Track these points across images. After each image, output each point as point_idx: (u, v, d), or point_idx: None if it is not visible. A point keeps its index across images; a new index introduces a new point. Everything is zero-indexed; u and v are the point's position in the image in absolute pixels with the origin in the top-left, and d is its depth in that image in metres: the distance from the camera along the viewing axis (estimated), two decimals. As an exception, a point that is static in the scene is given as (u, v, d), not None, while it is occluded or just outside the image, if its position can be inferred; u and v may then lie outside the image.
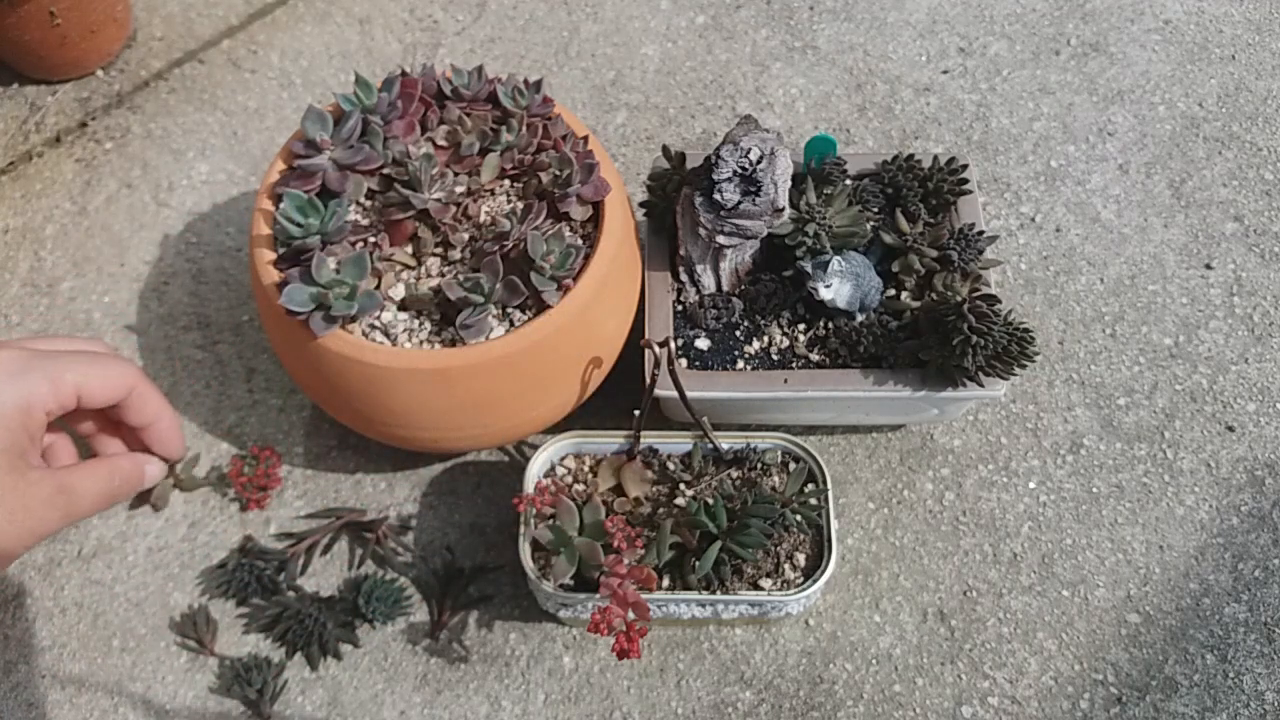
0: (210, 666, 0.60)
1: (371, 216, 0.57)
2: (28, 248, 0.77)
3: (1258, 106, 0.81)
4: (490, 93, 0.60)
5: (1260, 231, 0.75)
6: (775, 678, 0.60)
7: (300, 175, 0.56)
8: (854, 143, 0.81)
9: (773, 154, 0.57)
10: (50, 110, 0.84)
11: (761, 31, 0.87)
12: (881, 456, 0.67)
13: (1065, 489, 0.65)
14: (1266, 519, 0.64)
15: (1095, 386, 0.69)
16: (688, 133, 0.82)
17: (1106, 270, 0.74)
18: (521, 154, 0.59)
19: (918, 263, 0.61)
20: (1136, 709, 0.58)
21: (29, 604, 0.63)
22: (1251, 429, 0.67)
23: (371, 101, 0.58)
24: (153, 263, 0.76)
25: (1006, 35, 0.87)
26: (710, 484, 0.58)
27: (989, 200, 0.77)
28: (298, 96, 0.84)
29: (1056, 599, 0.62)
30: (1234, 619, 0.61)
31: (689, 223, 0.60)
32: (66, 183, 0.80)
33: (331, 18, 0.89)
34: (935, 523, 0.64)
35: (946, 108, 0.82)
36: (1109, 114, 0.82)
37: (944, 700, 0.59)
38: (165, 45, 0.88)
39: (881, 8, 0.88)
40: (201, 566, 0.63)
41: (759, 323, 0.62)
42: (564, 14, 0.89)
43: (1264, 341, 0.70)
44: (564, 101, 0.81)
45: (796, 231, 0.60)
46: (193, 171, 0.80)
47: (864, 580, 0.63)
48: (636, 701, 0.59)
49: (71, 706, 0.59)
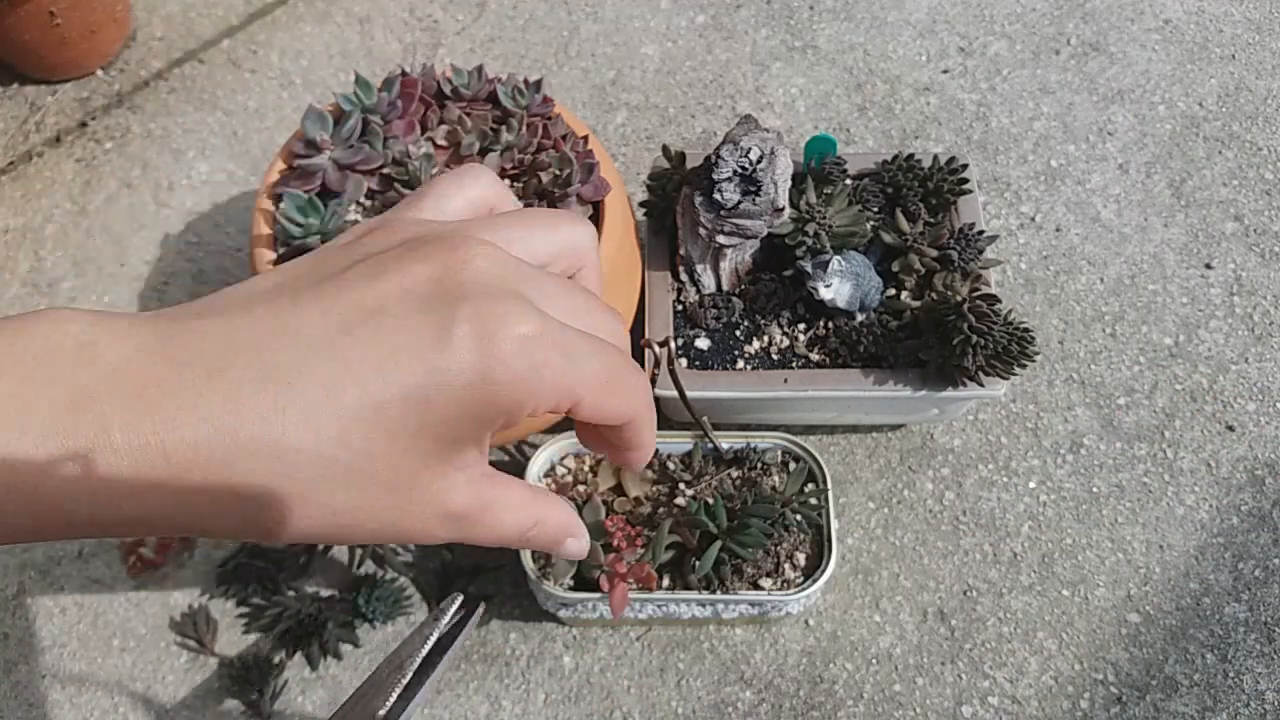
0: (210, 666, 0.60)
1: (371, 216, 0.57)
2: (28, 248, 0.77)
3: (1258, 106, 0.81)
4: (490, 92, 0.60)
5: (1260, 231, 0.75)
6: (775, 677, 0.60)
7: (300, 175, 0.56)
8: (854, 142, 0.81)
9: (773, 154, 0.57)
10: (50, 110, 0.84)
11: (761, 31, 0.87)
12: (881, 456, 0.67)
13: (1065, 488, 0.65)
14: (1266, 519, 0.64)
15: (1095, 386, 0.69)
16: (688, 133, 0.82)
17: (1106, 270, 0.74)
18: (521, 154, 0.59)
19: (918, 262, 0.61)
20: (1136, 708, 0.58)
21: (29, 604, 0.63)
22: (1251, 429, 0.67)
23: (371, 101, 0.58)
24: (153, 263, 0.76)
25: (1006, 35, 0.86)
26: (710, 484, 0.58)
27: (989, 200, 0.77)
28: (298, 96, 0.84)
29: (1057, 598, 0.62)
30: (1234, 618, 0.61)
31: (689, 223, 0.60)
32: (66, 183, 0.80)
33: (331, 18, 0.89)
34: (935, 522, 0.64)
35: (946, 107, 0.82)
36: (1109, 113, 0.82)
37: (944, 700, 0.59)
38: (165, 45, 0.88)
39: (881, 7, 0.88)
40: (201, 566, 0.63)
41: (759, 322, 0.62)
42: (564, 14, 0.89)
43: (1264, 341, 0.70)
44: (564, 101, 0.81)
45: (796, 231, 0.59)
46: (193, 171, 0.80)
47: (864, 580, 0.63)
48: (636, 701, 0.59)
49: (71, 706, 0.59)
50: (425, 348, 0.27)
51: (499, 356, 0.27)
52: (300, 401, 0.26)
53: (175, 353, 0.26)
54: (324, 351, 0.27)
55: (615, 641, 0.61)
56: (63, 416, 0.25)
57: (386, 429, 0.27)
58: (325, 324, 0.28)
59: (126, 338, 0.27)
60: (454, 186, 0.34)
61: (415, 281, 0.28)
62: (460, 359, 0.27)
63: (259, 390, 0.26)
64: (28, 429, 0.24)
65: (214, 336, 0.27)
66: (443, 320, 0.28)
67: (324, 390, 0.27)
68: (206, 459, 0.26)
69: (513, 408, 0.29)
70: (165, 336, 0.27)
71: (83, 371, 0.26)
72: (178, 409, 0.25)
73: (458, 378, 0.27)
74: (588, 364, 0.30)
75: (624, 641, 0.61)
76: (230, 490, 0.26)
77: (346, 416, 0.27)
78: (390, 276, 0.28)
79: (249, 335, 0.27)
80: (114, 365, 0.26)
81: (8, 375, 0.24)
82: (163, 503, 0.26)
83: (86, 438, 0.25)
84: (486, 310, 0.28)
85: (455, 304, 0.28)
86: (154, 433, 0.25)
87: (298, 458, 0.27)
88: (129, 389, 0.26)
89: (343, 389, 0.27)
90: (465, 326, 0.27)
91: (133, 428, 0.25)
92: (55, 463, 0.24)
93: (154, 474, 0.25)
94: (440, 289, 0.28)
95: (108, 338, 0.26)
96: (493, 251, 0.29)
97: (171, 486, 0.26)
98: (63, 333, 0.26)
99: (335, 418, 0.27)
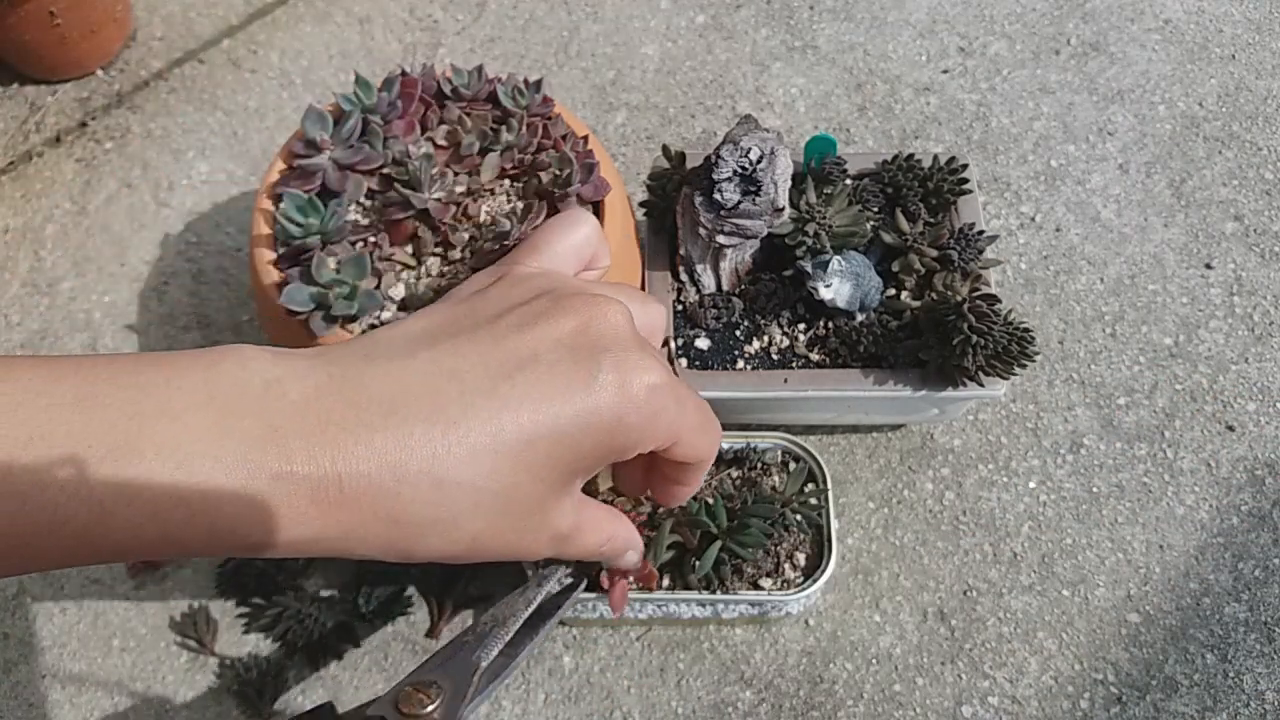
0: (210, 666, 0.60)
1: (371, 216, 0.57)
2: (28, 248, 0.77)
3: (1258, 106, 0.81)
4: (490, 92, 0.60)
5: (1260, 231, 0.75)
6: (775, 677, 0.60)
7: (300, 175, 0.56)
8: (854, 142, 0.81)
9: (773, 154, 0.57)
10: (50, 110, 0.84)
11: (761, 31, 0.87)
12: (881, 456, 0.67)
13: (1065, 488, 0.65)
14: (1266, 519, 0.64)
15: (1095, 386, 0.69)
16: (688, 132, 0.82)
17: (1106, 270, 0.74)
18: (521, 154, 0.59)
19: (918, 262, 0.61)
20: (1136, 708, 0.58)
21: (29, 603, 0.63)
22: (1251, 429, 0.67)
23: (371, 101, 0.58)
24: (153, 262, 0.76)
25: (1006, 35, 0.86)
26: (710, 484, 0.58)
27: (989, 200, 0.77)
28: (298, 96, 0.84)
29: (1056, 598, 0.62)
30: (1234, 618, 0.61)
31: (689, 222, 0.60)
32: (66, 183, 0.80)
33: (331, 17, 0.89)
34: (935, 522, 0.64)
35: (946, 107, 0.82)
36: (1109, 113, 0.82)
37: (944, 700, 0.59)
38: (165, 45, 0.88)
39: (881, 7, 0.88)
40: (202, 566, 0.63)
41: (759, 322, 0.62)
42: (564, 14, 0.89)
43: (1264, 341, 0.70)
44: (564, 101, 0.81)
45: (796, 231, 0.59)
46: (193, 171, 0.80)
47: (864, 580, 0.63)
48: (636, 701, 0.59)
49: (71, 706, 0.59)
50: (575, 391, 0.31)
51: (633, 401, 0.31)
52: (466, 440, 0.29)
53: (352, 394, 0.29)
54: (486, 394, 0.30)
55: (615, 641, 0.61)
56: (253, 448, 0.27)
57: (531, 462, 0.30)
58: (485, 368, 0.31)
59: (307, 377, 0.29)
60: (558, 234, 0.39)
61: (564, 333, 0.32)
62: (603, 401, 0.31)
63: (428, 429, 0.29)
64: (222, 458, 0.26)
65: (385, 379, 0.30)
66: (589, 368, 0.31)
67: (486, 429, 0.29)
68: (376, 490, 0.28)
69: (634, 445, 0.33)
70: (340, 378, 0.30)
71: (271, 407, 0.28)
72: (355, 444, 0.28)
73: (600, 418, 0.31)
74: (691, 411, 0.34)
75: (624, 641, 0.61)
76: (390, 517, 0.29)
77: (502, 453, 0.30)
78: (541, 326, 0.32)
79: (417, 378, 0.30)
80: (297, 403, 0.28)
81: (206, 409, 0.27)
82: (327, 527, 0.28)
83: (273, 467, 0.27)
84: (624, 361, 0.32)
85: (598, 354, 0.32)
86: (332, 465, 0.28)
87: (456, 490, 0.29)
88: (312, 426, 0.28)
89: (502, 428, 0.30)
90: (608, 375, 0.31)
91: (314, 460, 0.27)
92: (242, 490, 0.27)
93: (327, 501, 0.28)
94: (586, 340, 0.32)
95: (290, 376, 0.29)
96: (624, 309, 0.34)
97: (340, 514, 0.28)
98: (249, 371, 0.28)
99: (493, 455, 0.30)
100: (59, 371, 0.26)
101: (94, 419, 0.25)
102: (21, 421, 0.25)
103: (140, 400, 0.26)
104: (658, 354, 0.35)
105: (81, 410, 0.25)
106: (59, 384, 0.26)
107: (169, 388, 0.27)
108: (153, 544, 0.26)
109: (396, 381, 0.30)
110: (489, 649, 0.36)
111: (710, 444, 0.36)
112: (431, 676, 0.33)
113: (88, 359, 0.27)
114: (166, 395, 0.27)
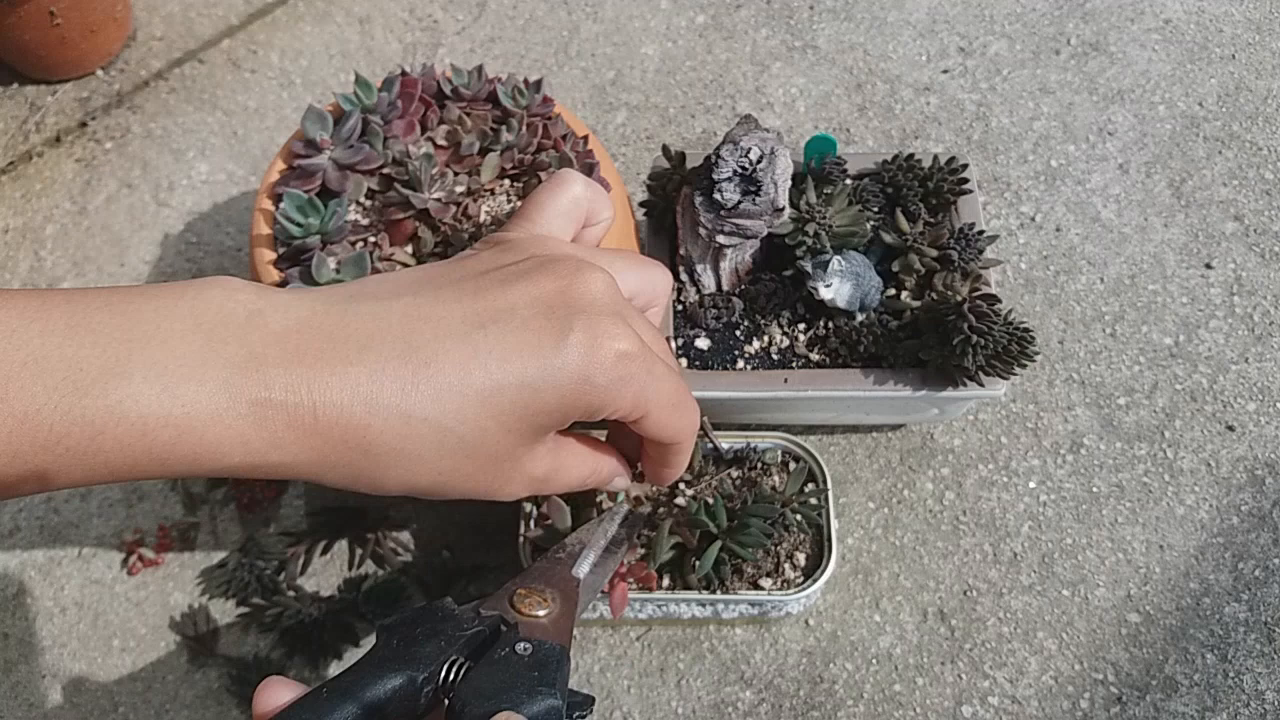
0: (210, 666, 0.60)
1: (371, 216, 0.57)
2: (28, 248, 0.77)
3: (1258, 106, 0.81)
4: (490, 92, 0.60)
5: (1260, 231, 0.75)
6: (775, 677, 0.60)
7: (300, 175, 0.56)
8: (854, 142, 0.81)
9: (773, 154, 0.57)
10: (50, 110, 0.84)
11: (761, 31, 0.87)
12: (881, 456, 0.67)
13: (1065, 488, 0.65)
14: (1266, 519, 0.64)
15: (1095, 386, 0.69)
16: (688, 132, 0.82)
17: (1106, 270, 0.74)
18: (521, 154, 0.59)
19: (918, 262, 0.61)
20: (1136, 708, 0.58)
21: (29, 603, 0.63)
22: (1251, 428, 0.67)
23: (371, 101, 0.58)
24: (153, 263, 0.76)
25: (1006, 35, 0.86)
26: (710, 484, 0.58)
27: (989, 200, 0.77)
28: (298, 96, 0.84)
29: (1056, 598, 0.62)
30: (1234, 618, 0.61)
31: (689, 222, 0.60)
32: (66, 183, 0.80)
33: (331, 17, 0.89)
34: (935, 522, 0.64)
35: (946, 107, 0.82)
36: (1109, 113, 0.82)
37: (944, 700, 0.59)
38: (165, 45, 0.88)
39: (881, 7, 0.88)
40: (202, 566, 0.63)
41: (759, 322, 0.62)
42: (564, 14, 0.89)
43: (1264, 341, 0.70)
44: (564, 101, 0.81)
45: (796, 231, 0.59)
46: (193, 171, 0.80)
47: (864, 580, 0.63)
48: (636, 701, 0.59)
49: (71, 706, 0.59)
50: (544, 346, 0.32)
51: (599, 364, 0.32)
52: (434, 379, 0.31)
53: (332, 329, 0.31)
54: (459, 339, 0.31)
55: (615, 641, 0.61)
56: (235, 374, 0.28)
57: (497, 410, 0.32)
58: (462, 316, 0.32)
59: (290, 310, 0.31)
60: (548, 198, 0.40)
61: (543, 292, 0.33)
62: (569, 360, 0.32)
63: (400, 366, 0.30)
64: (206, 381, 0.28)
65: (365, 317, 0.31)
66: (561, 327, 0.32)
67: (455, 372, 0.31)
68: (348, 420, 0.30)
69: (598, 408, 0.34)
70: (321, 313, 0.31)
71: (253, 336, 0.29)
72: (330, 375, 0.30)
73: (564, 375, 0.32)
74: (663, 385, 0.35)
75: (624, 641, 0.61)
76: (360, 447, 0.30)
77: (469, 396, 0.31)
78: (521, 284, 0.33)
79: (396, 319, 0.32)
80: (278, 334, 0.30)
81: (193, 335, 0.28)
82: (300, 452, 0.30)
83: (253, 393, 0.29)
84: (596, 325, 0.33)
85: (572, 315, 0.33)
86: (308, 393, 0.29)
87: (423, 426, 0.31)
88: (291, 355, 0.29)
89: (470, 372, 0.31)
90: (579, 335, 0.32)
91: (291, 388, 0.29)
92: (224, 413, 0.28)
93: (302, 428, 0.29)
94: (562, 300, 0.33)
95: (272, 308, 0.31)
96: (606, 278, 0.34)
97: (314, 440, 0.30)
98: (235, 301, 0.30)
99: (460, 396, 0.31)
100: (52, 301, 0.28)
101: (86, 343, 0.27)
102: (17, 346, 0.26)
103: (129, 327, 0.28)
104: (642, 323, 0.36)
105: (74, 336, 0.27)
106: (52, 312, 0.27)
107: (157, 315, 0.28)
108: (140, 463, 0.27)
109: (376, 321, 0.31)
110: (583, 566, 0.39)
111: (684, 425, 0.37)
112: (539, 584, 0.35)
113: (78, 291, 0.28)
114: (155, 322, 0.28)
